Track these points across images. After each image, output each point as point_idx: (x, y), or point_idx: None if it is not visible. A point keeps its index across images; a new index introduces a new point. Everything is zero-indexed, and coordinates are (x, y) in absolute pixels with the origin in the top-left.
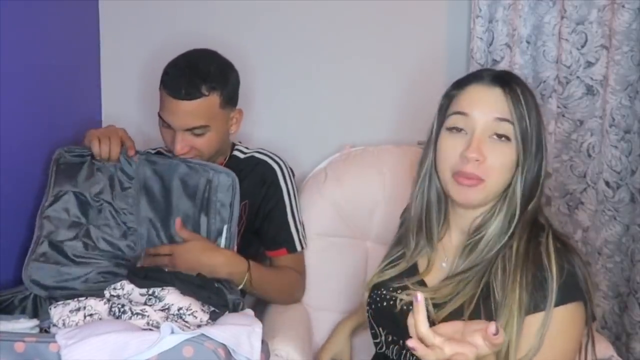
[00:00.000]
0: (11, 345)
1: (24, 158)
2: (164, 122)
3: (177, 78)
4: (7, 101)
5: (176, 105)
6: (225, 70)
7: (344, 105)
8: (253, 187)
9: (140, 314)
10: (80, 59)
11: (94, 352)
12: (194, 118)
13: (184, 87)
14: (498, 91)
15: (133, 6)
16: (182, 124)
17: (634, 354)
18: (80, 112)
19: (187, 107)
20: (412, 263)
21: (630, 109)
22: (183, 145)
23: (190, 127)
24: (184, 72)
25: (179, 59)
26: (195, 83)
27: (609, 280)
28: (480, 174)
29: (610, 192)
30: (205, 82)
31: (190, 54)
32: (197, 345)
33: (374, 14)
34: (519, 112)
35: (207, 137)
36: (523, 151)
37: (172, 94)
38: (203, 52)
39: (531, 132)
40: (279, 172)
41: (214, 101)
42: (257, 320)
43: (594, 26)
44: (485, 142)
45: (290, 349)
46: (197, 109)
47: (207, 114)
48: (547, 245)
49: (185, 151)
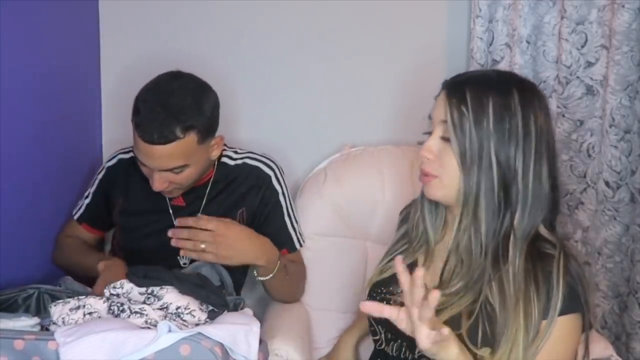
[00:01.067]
0: (11, 343)
1: (24, 158)
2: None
3: (149, 122)
4: (7, 101)
5: (150, 149)
6: (200, 100)
7: (343, 105)
8: (248, 194)
9: (138, 312)
10: (80, 60)
11: (92, 350)
12: (170, 160)
13: (157, 132)
14: (443, 95)
15: (133, 6)
16: (157, 165)
17: (633, 354)
18: (80, 112)
19: (162, 151)
20: (412, 260)
21: (630, 109)
22: (161, 182)
23: (168, 169)
24: (156, 114)
25: (150, 93)
26: (168, 125)
27: (609, 280)
28: (431, 171)
29: (610, 192)
30: (180, 123)
31: (161, 86)
32: (194, 343)
33: (374, 13)
34: (459, 114)
35: (185, 172)
36: (461, 156)
37: (144, 138)
38: (175, 82)
39: (478, 137)
40: (272, 176)
41: (191, 141)
42: (255, 320)
43: (594, 26)
44: (438, 142)
45: (290, 349)
46: (173, 152)
47: (185, 155)
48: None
49: (164, 187)
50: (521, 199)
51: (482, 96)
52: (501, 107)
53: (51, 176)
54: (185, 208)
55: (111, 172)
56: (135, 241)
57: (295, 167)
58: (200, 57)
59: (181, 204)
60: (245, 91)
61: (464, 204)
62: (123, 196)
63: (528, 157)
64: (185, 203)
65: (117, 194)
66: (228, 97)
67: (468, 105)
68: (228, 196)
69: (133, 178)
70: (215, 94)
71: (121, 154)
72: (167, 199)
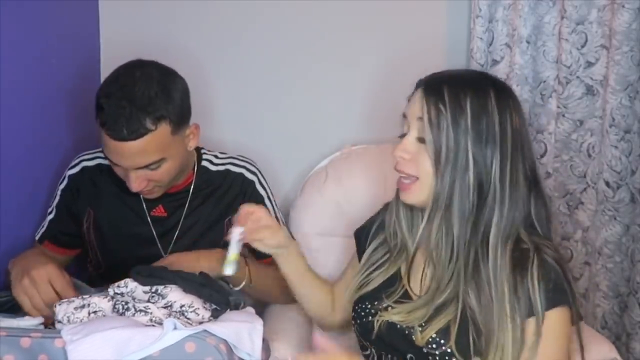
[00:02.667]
0: (17, 341)
1: (25, 158)
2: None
3: (115, 118)
4: (7, 101)
5: (121, 147)
6: (167, 88)
7: (344, 104)
8: (234, 202)
9: (143, 310)
10: (80, 60)
11: (99, 347)
12: (144, 156)
13: (125, 127)
14: (420, 92)
15: (133, 6)
16: (132, 164)
17: (634, 354)
18: (80, 112)
19: (134, 147)
20: (394, 270)
21: (630, 109)
22: (139, 182)
23: (143, 166)
24: (121, 108)
25: (112, 85)
26: (137, 118)
27: (609, 280)
28: (409, 171)
29: (610, 192)
30: (149, 114)
31: (125, 77)
32: (199, 341)
33: (374, 13)
34: (436, 112)
35: (163, 168)
36: (435, 154)
37: (112, 135)
38: (137, 72)
39: (454, 135)
40: (256, 181)
41: (164, 132)
42: (258, 318)
43: (594, 26)
44: (414, 142)
45: (290, 349)
46: (146, 146)
47: (159, 148)
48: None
49: (142, 187)
50: (498, 200)
51: (459, 95)
52: (478, 107)
53: (51, 177)
54: (167, 219)
55: (74, 181)
56: (113, 254)
57: (295, 166)
58: (198, 57)
59: (162, 214)
60: (245, 91)
61: (434, 205)
62: (91, 208)
63: (504, 158)
64: (166, 213)
65: (83, 205)
66: (228, 97)
67: (446, 103)
68: (213, 207)
69: (103, 186)
70: (182, 80)
71: (84, 160)
72: (146, 209)
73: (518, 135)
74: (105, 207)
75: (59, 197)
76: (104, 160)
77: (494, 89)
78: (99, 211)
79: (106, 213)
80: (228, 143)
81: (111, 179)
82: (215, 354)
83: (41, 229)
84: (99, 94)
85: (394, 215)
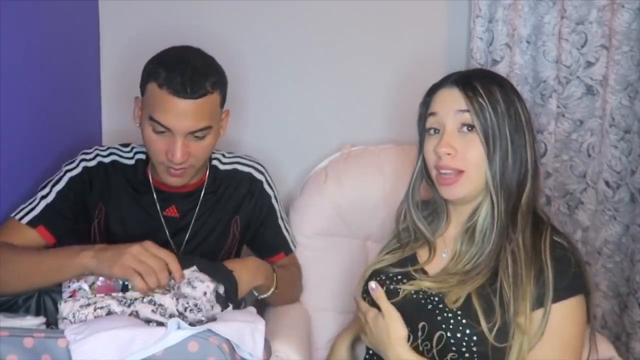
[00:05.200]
0: (20, 341)
1: (25, 159)
2: (159, 127)
3: (178, 75)
4: (7, 101)
5: (181, 105)
6: (218, 66)
7: (344, 105)
8: (242, 201)
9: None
10: (80, 59)
11: (102, 347)
12: (198, 119)
13: (189, 85)
14: (456, 89)
15: (133, 6)
16: (186, 126)
17: (633, 354)
18: (80, 111)
19: (192, 107)
20: (411, 253)
21: (630, 109)
22: (183, 151)
23: (195, 130)
24: (184, 69)
25: (167, 56)
26: (199, 80)
27: (608, 280)
28: (457, 166)
29: (610, 192)
30: (208, 78)
31: (175, 51)
32: (202, 340)
33: (374, 13)
34: (478, 103)
35: (206, 140)
36: (486, 140)
37: (175, 92)
38: (191, 49)
39: (497, 122)
40: (264, 181)
41: (216, 99)
42: (260, 318)
43: (594, 26)
44: (454, 136)
45: (290, 349)
46: (202, 108)
47: (211, 114)
48: (545, 241)
49: (185, 158)
50: (530, 177)
51: (489, 87)
52: (506, 97)
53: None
54: (179, 220)
55: (88, 173)
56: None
57: (295, 167)
58: None
59: (174, 215)
60: (244, 91)
61: (493, 190)
62: (103, 203)
63: (530, 139)
64: (179, 214)
65: (95, 199)
66: (227, 97)
67: (482, 94)
68: (222, 206)
69: (117, 183)
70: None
71: (84, 160)
72: (160, 210)
73: (530, 120)
74: (118, 204)
75: (65, 184)
76: (119, 158)
77: (506, 82)
78: (111, 207)
79: (119, 210)
80: (228, 143)
81: (125, 177)
82: (218, 354)
83: (30, 211)
84: (153, 64)
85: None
